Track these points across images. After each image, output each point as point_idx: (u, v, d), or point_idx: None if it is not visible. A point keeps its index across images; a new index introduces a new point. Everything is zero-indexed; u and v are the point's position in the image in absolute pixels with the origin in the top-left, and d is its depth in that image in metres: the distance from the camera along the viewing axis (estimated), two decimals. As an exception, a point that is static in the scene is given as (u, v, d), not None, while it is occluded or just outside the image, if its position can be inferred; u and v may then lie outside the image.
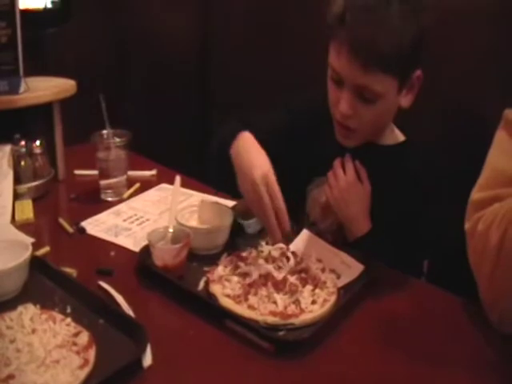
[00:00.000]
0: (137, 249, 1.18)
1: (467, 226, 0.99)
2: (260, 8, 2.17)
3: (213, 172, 1.32)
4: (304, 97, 1.37)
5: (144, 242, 1.17)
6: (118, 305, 0.99)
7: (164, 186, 1.56)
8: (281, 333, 0.95)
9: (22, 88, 1.49)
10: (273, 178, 1.04)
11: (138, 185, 1.55)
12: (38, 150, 1.52)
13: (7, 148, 1.46)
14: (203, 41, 2.44)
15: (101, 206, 1.43)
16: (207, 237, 1.17)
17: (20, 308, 0.95)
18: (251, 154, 1.09)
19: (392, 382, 0.87)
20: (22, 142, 1.49)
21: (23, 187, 1.45)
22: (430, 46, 1.12)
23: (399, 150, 1.25)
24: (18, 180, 1.44)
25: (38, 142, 1.52)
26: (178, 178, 1.27)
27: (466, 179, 1.02)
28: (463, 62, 1.52)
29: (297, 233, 1.22)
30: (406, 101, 1.16)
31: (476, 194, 0.99)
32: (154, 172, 1.64)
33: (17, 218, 1.35)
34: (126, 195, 1.49)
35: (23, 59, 1.48)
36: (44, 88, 1.55)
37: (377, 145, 1.25)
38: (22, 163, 1.48)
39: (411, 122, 1.27)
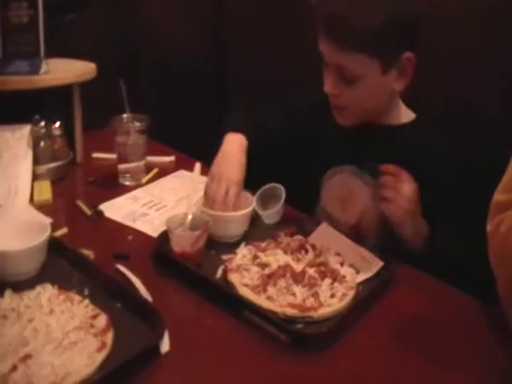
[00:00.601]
0: (154, 234, 1.18)
1: (489, 227, 0.97)
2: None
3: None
4: (310, 90, 1.37)
5: (162, 228, 1.16)
6: (135, 289, 0.98)
7: (182, 172, 1.55)
8: (299, 326, 0.93)
9: (43, 69, 1.48)
10: (236, 186, 1.19)
11: (156, 170, 1.54)
12: (57, 132, 1.52)
13: (27, 128, 1.46)
14: (219, 27, 2.43)
15: (118, 190, 1.43)
16: (227, 225, 1.17)
17: (38, 288, 0.95)
18: (231, 154, 1.25)
19: (406, 381, 0.85)
20: (42, 123, 1.49)
21: (42, 168, 1.45)
22: (425, 32, 1.11)
23: (404, 130, 1.23)
24: (36, 161, 1.44)
25: (57, 124, 1.52)
26: (197, 165, 1.26)
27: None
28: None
29: (314, 225, 1.20)
30: (398, 84, 1.14)
31: (499, 196, 0.97)
32: (172, 158, 1.63)
33: (35, 198, 1.35)
34: (143, 180, 1.49)
35: (44, 42, 1.48)
36: (64, 70, 1.54)
37: (384, 125, 1.24)
38: (42, 144, 1.48)
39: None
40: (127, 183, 1.47)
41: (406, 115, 1.25)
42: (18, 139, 1.44)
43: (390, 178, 1.11)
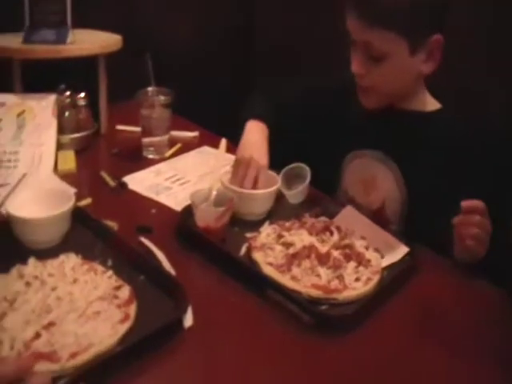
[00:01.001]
0: (177, 208, 1.17)
1: None
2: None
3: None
4: (335, 74, 1.35)
5: (185, 203, 1.15)
6: (159, 263, 0.97)
7: (205, 148, 1.54)
8: (323, 307, 0.92)
9: (69, 38, 1.47)
10: (264, 171, 1.18)
11: (179, 145, 1.53)
12: (82, 102, 1.51)
13: (52, 97, 1.45)
14: (248, 4, 2.40)
15: (142, 163, 1.42)
16: (252, 203, 1.15)
17: (62, 257, 0.95)
18: (253, 140, 1.24)
19: (427, 368, 0.84)
20: (67, 93, 1.49)
21: (66, 138, 1.44)
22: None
23: (430, 117, 1.20)
24: (61, 130, 1.44)
25: (82, 94, 1.52)
26: (223, 141, 1.24)
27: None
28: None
29: (338, 207, 1.19)
30: (426, 67, 1.12)
31: None
32: (196, 134, 1.61)
33: (59, 167, 1.34)
34: (167, 154, 1.48)
35: (71, 12, 1.46)
36: (90, 41, 1.53)
37: (408, 111, 1.21)
38: (66, 114, 1.47)
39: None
40: (150, 156, 1.46)
41: (431, 103, 1.22)
42: (43, 108, 1.43)
43: (476, 216, 1.01)
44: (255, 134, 1.26)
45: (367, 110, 1.20)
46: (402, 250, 1.08)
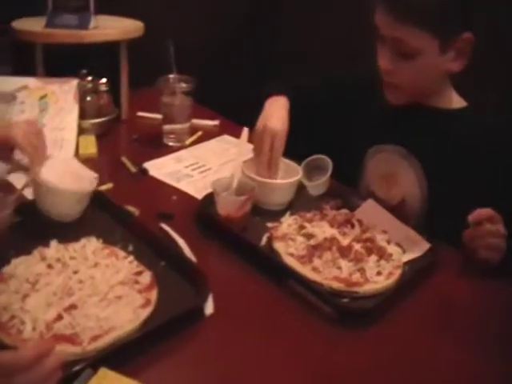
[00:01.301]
0: (198, 196, 1.16)
1: None
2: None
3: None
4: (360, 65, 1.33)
5: (205, 191, 1.15)
6: (180, 249, 0.97)
7: (226, 137, 1.53)
8: (344, 300, 0.91)
9: (92, 24, 1.47)
10: (282, 138, 1.17)
11: (200, 133, 1.52)
12: (103, 88, 1.52)
13: (74, 82, 1.45)
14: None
15: (162, 150, 1.42)
16: (274, 192, 1.15)
17: (83, 240, 0.95)
18: (275, 111, 1.23)
19: (446, 364, 0.83)
20: (89, 78, 1.49)
21: (87, 122, 1.44)
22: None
23: (455, 115, 1.18)
24: (82, 115, 1.44)
25: (103, 80, 1.52)
26: (245, 130, 1.23)
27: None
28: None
29: (360, 200, 1.18)
30: (455, 65, 1.09)
31: None
32: (216, 122, 1.61)
33: (80, 152, 1.35)
34: (187, 142, 1.47)
35: (94, -1, 1.46)
36: (112, 27, 1.53)
37: (433, 108, 1.19)
38: (88, 99, 1.47)
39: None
40: (171, 144, 1.46)
41: (457, 101, 1.20)
42: (65, 92, 1.43)
43: (486, 225, 0.99)
44: (272, 106, 1.25)
45: (392, 105, 1.18)
46: (424, 245, 1.06)
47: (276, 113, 1.22)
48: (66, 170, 1.07)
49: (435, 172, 1.16)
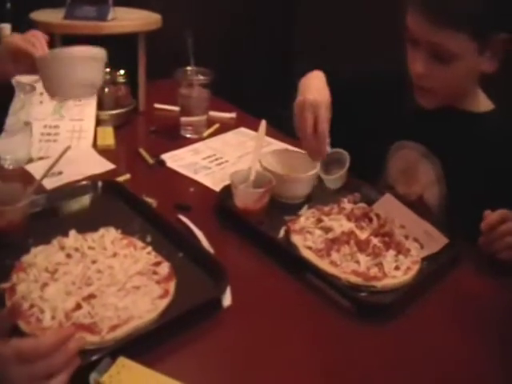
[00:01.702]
0: (216, 188, 1.16)
1: None
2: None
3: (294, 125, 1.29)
4: (387, 59, 1.30)
5: (223, 183, 1.15)
6: (198, 240, 0.97)
7: (243, 130, 1.53)
8: (362, 294, 0.91)
9: (110, 16, 1.47)
10: (324, 109, 1.10)
11: (217, 125, 1.52)
12: (121, 79, 1.52)
13: (92, 73, 1.45)
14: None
15: (180, 141, 1.42)
16: (291, 185, 1.14)
17: (102, 230, 0.95)
18: (315, 85, 1.17)
19: (463, 362, 0.82)
20: (107, 70, 1.48)
21: (105, 114, 1.45)
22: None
23: (482, 118, 1.16)
24: (100, 106, 1.44)
25: (121, 72, 1.52)
26: (263, 123, 1.22)
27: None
28: None
29: (378, 195, 1.17)
30: (489, 66, 1.06)
31: None
32: (233, 115, 1.60)
33: (98, 143, 1.35)
34: (204, 134, 1.47)
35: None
36: (131, 18, 1.53)
37: (460, 110, 1.16)
38: (106, 90, 1.48)
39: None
40: (188, 136, 1.46)
41: (484, 103, 1.18)
42: (83, 83, 1.44)
43: (502, 226, 0.98)
44: (309, 79, 1.19)
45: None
46: (442, 240, 1.05)
47: (314, 85, 1.17)
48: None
49: (456, 172, 1.15)
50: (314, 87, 1.16)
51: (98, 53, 0.99)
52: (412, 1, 1.04)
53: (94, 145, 1.34)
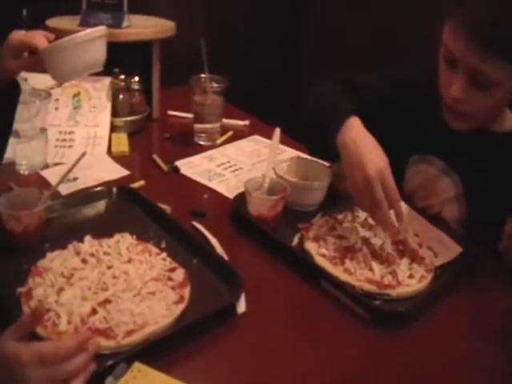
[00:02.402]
0: (230, 195, 1.17)
1: None
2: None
3: (307, 134, 1.27)
4: (412, 68, 1.28)
5: (237, 190, 1.15)
6: (212, 247, 0.97)
7: (256, 137, 1.53)
8: (376, 302, 0.91)
9: (125, 23, 1.49)
10: (388, 173, 0.99)
11: (230, 133, 1.53)
12: (135, 86, 1.53)
13: (107, 80, 1.46)
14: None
15: (193, 149, 1.42)
16: (305, 193, 1.14)
17: (117, 236, 0.96)
18: (364, 148, 1.02)
19: (477, 371, 0.82)
20: (122, 77, 1.50)
21: (120, 120, 1.46)
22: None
23: (508, 137, 1.13)
24: (114, 113, 1.45)
25: (136, 79, 1.53)
26: (277, 130, 1.22)
27: None
28: None
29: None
30: None
31: None
32: (247, 122, 1.61)
33: (113, 149, 1.36)
34: (218, 142, 1.48)
35: (127, -2, 1.47)
36: (145, 26, 1.54)
37: (491, 131, 1.13)
38: (120, 97, 1.49)
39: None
40: (202, 143, 1.46)
41: (510, 122, 1.14)
42: (98, 90, 1.45)
43: None
44: (356, 140, 1.03)
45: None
46: (456, 249, 1.05)
47: (366, 148, 1.02)
48: None
49: (477, 191, 1.13)
50: (369, 153, 1.01)
51: (97, 31, 0.99)
52: (459, 22, 0.98)
53: (109, 151, 1.35)
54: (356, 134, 1.04)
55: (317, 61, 2.35)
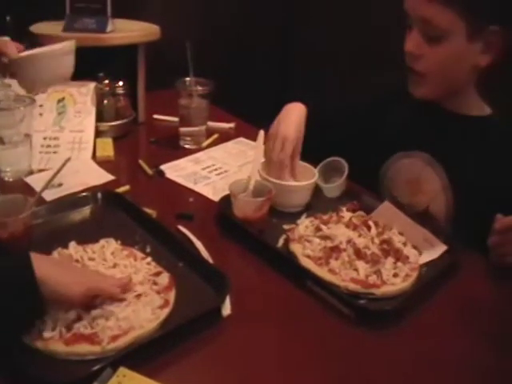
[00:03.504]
0: (216, 198, 1.17)
1: None
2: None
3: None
4: (384, 75, 1.33)
5: (223, 193, 1.15)
6: (197, 250, 0.98)
7: (242, 139, 1.54)
8: (361, 301, 0.91)
9: (109, 27, 1.48)
10: (291, 141, 1.18)
11: (216, 135, 1.53)
12: (120, 91, 1.53)
13: (92, 85, 1.46)
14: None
15: (179, 152, 1.43)
16: (290, 194, 1.15)
17: (102, 241, 0.96)
18: (290, 117, 1.23)
19: (464, 367, 0.82)
20: (106, 81, 1.50)
21: (105, 125, 1.46)
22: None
23: (482, 122, 1.17)
24: (99, 118, 1.45)
25: (121, 83, 1.53)
26: (261, 133, 1.23)
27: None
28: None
29: (376, 202, 1.17)
30: (482, 59, 1.08)
31: None
32: (232, 125, 1.62)
33: (98, 154, 1.36)
34: (204, 144, 1.48)
35: (111, 1, 1.47)
36: (130, 30, 1.54)
37: (460, 115, 1.18)
38: (105, 102, 1.49)
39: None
40: (187, 146, 1.47)
41: (480, 108, 1.19)
42: (83, 95, 1.45)
43: None
44: (288, 111, 1.25)
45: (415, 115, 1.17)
46: (441, 247, 1.06)
47: (289, 118, 1.23)
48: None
49: (461, 179, 1.16)
50: (289, 120, 1.22)
51: (66, 46, 1.00)
52: None
53: (94, 156, 1.35)
54: (293, 110, 1.25)
55: (304, 63, 2.36)
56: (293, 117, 1.23)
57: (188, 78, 1.46)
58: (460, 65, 1.11)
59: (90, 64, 1.50)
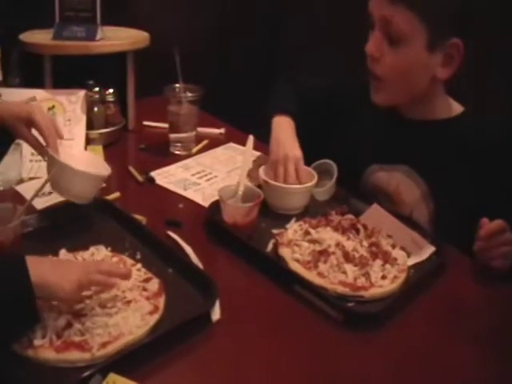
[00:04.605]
0: (205, 204, 1.18)
1: None
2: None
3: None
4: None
5: (213, 199, 1.16)
6: (187, 256, 0.98)
7: (232, 145, 1.55)
8: (350, 304, 0.92)
9: (99, 35, 1.49)
10: (292, 162, 1.18)
11: (206, 141, 1.54)
12: (110, 98, 1.54)
13: (82, 93, 1.46)
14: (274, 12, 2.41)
15: (169, 158, 1.43)
16: (290, 197, 1.17)
17: (92, 248, 0.96)
18: (283, 137, 1.23)
19: (455, 367, 0.83)
20: (96, 89, 1.50)
21: (95, 133, 1.46)
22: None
23: (456, 122, 1.18)
24: (90, 125, 1.45)
25: (110, 90, 1.53)
26: (250, 138, 1.24)
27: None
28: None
29: (365, 206, 1.18)
30: (442, 72, 1.09)
31: None
32: (222, 131, 1.63)
33: (88, 162, 1.36)
34: (193, 150, 1.49)
35: (100, 8, 1.48)
36: (119, 37, 1.55)
37: (433, 120, 1.18)
38: (95, 109, 1.49)
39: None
40: (177, 152, 1.48)
41: (453, 108, 1.20)
42: (73, 103, 1.45)
43: (497, 236, 1.00)
44: (284, 131, 1.25)
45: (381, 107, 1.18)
46: (429, 249, 1.07)
47: (290, 139, 1.23)
48: (81, 157, 1.10)
49: (439, 184, 1.17)
50: (287, 142, 1.22)
51: (100, 174, 1.05)
52: None
53: (84, 164, 1.35)
54: (285, 129, 1.26)
55: (292, 68, 2.37)
56: (290, 137, 1.24)
57: (177, 85, 1.47)
58: (419, 74, 1.11)
59: (80, 72, 1.51)
